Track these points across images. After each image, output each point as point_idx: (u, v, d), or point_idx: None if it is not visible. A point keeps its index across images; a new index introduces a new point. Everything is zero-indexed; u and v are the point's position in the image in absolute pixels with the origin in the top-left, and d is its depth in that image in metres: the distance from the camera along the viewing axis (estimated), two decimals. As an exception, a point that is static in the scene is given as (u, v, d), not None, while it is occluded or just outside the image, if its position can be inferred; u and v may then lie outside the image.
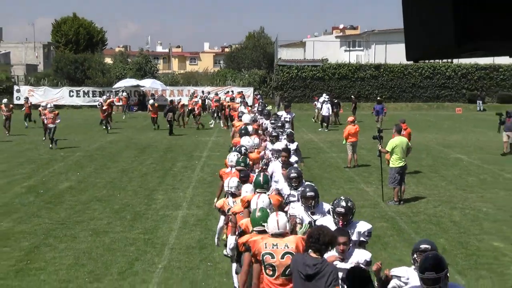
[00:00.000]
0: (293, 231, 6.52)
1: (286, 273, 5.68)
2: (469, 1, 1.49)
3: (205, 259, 9.85)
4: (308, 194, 7.20)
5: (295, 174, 8.54)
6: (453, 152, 22.70)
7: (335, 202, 6.48)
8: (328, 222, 6.41)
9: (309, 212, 7.18)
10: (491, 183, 16.49)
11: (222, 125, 33.13)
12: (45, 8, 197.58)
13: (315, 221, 6.91)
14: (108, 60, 60.36)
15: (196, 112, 32.19)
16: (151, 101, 34.08)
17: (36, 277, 9.03)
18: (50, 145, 23.09)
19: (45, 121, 24.04)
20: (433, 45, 1.63)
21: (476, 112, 44.74)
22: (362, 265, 5.54)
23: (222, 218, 8.63)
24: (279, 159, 11.08)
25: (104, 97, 36.87)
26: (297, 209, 7.37)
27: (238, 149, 11.34)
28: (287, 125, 19.15)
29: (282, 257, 5.72)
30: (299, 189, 8.33)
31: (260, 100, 34.87)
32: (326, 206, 7.36)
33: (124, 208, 13.55)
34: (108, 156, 21.70)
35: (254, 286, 6.00)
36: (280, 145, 12.28)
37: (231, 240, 7.72)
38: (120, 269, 9.37)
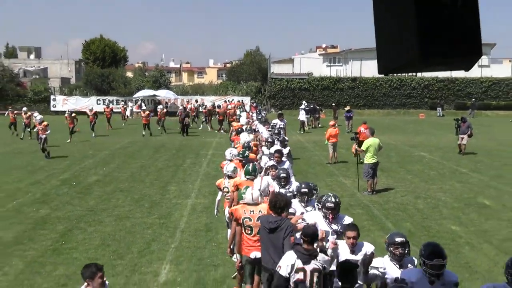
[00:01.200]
0: None
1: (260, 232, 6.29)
2: (431, 24, 1.49)
3: (210, 240, 9.86)
4: (302, 190, 7.10)
5: (284, 175, 8.44)
6: (417, 150, 22.75)
7: (324, 198, 6.32)
8: (316, 216, 6.33)
9: (302, 204, 7.13)
10: (449, 177, 16.53)
11: (209, 128, 32.93)
12: (77, 30, 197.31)
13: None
14: (129, 74, 60.31)
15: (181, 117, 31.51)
16: (143, 107, 32.84)
17: (69, 255, 9.03)
18: (46, 156, 20.08)
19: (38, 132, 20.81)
20: (401, 61, 1.63)
21: (436, 117, 44.81)
22: (368, 256, 5.49)
23: (220, 193, 9.23)
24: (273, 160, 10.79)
25: (91, 107, 33.92)
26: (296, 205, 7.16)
27: (246, 144, 11.95)
28: (281, 131, 18.49)
29: (257, 220, 6.35)
30: (289, 187, 8.36)
31: (259, 108, 34.60)
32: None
33: (143, 198, 13.55)
34: (129, 154, 21.67)
35: (237, 243, 6.69)
36: (275, 148, 11.80)
37: (226, 211, 8.58)
38: (139, 249, 9.38)
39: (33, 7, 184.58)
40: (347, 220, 6.35)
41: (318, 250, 5.35)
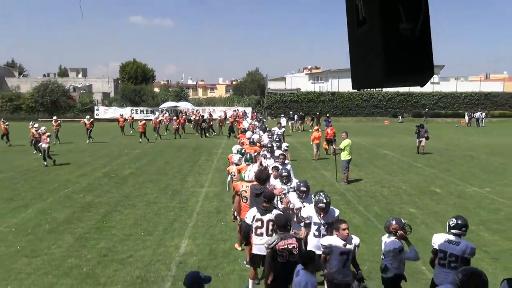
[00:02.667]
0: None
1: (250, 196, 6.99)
2: (394, 50, 1.49)
3: (220, 220, 9.86)
4: (302, 188, 6.83)
5: (286, 173, 7.94)
6: (382, 149, 22.74)
7: (317, 198, 6.03)
8: (311, 211, 6.11)
9: (300, 200, 6.81)
10: (408, 170, 16.52)
11: (196, 133, 30.56)
12: (115, 55, 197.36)
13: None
14: (156, 89, 60.36)
15: (176, 125, 29.79)
16: (140, 117, 27.77)
17: (109, 232, 9.03)
18: (45, 163, 17.23)
19: (40, 142, 17.84)
20: (369, 78, 1.63)
21: (397, 124, 44.80)
22: (356, 246, 5.34)
23: (229, 176, 9.81)
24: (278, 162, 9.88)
25: (88, 117, 27.62)
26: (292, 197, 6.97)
27: (252, 140, 12.78)
28: (280, 137, 17.34)
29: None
30: (291, 184, 7.79)
31: (260, 117, 33.69)
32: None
33: (167, 187, 13.54)
34: (156, 153, 21.64)
35: (238, 208, 7.45)
36: (279, 152, 10.67)
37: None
38: (164, 227, 9.38)
39: (80, 37, 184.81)
40: (337, 212, 6.16)
41: (274, 207, 6.11)
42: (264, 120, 31.62)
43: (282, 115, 34.75)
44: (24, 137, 25.89)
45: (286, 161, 10.60)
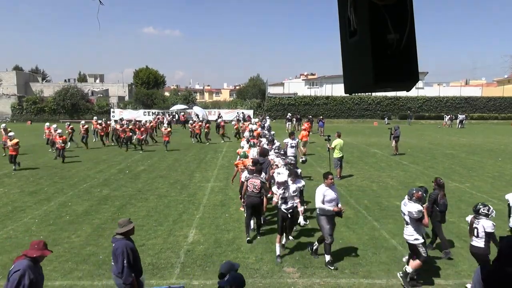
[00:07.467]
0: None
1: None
2: (382, 58, 1.49)
3: (224, 212, 9.86)
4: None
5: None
6: (372, 148, 22.70)
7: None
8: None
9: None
10: (395, 167, 16.50)
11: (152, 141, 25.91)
12: (129, 62, 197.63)
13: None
14: (167, 93, 60.46)
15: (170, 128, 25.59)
16: (124, 121, 23.35)
17: (124, 223, 9.02)
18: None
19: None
20: (360, 84, 1.63)
21: (385, 125, 44.75)
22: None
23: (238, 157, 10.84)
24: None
25: (4, 125, 20.36)
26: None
27: (251, 129, 13.62)
28: (292, 150, 14.41)
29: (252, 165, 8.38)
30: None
31: (264, 123, 27.36)
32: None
33: (176, 182, 13.54)
34: (166, 151, 21.64)
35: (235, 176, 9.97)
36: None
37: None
38: (173, 218, 9.38)
39: (98, 46, 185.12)
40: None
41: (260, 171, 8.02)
42: (267, 124, 28.97)
43: (267, 117, 34.89)
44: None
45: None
